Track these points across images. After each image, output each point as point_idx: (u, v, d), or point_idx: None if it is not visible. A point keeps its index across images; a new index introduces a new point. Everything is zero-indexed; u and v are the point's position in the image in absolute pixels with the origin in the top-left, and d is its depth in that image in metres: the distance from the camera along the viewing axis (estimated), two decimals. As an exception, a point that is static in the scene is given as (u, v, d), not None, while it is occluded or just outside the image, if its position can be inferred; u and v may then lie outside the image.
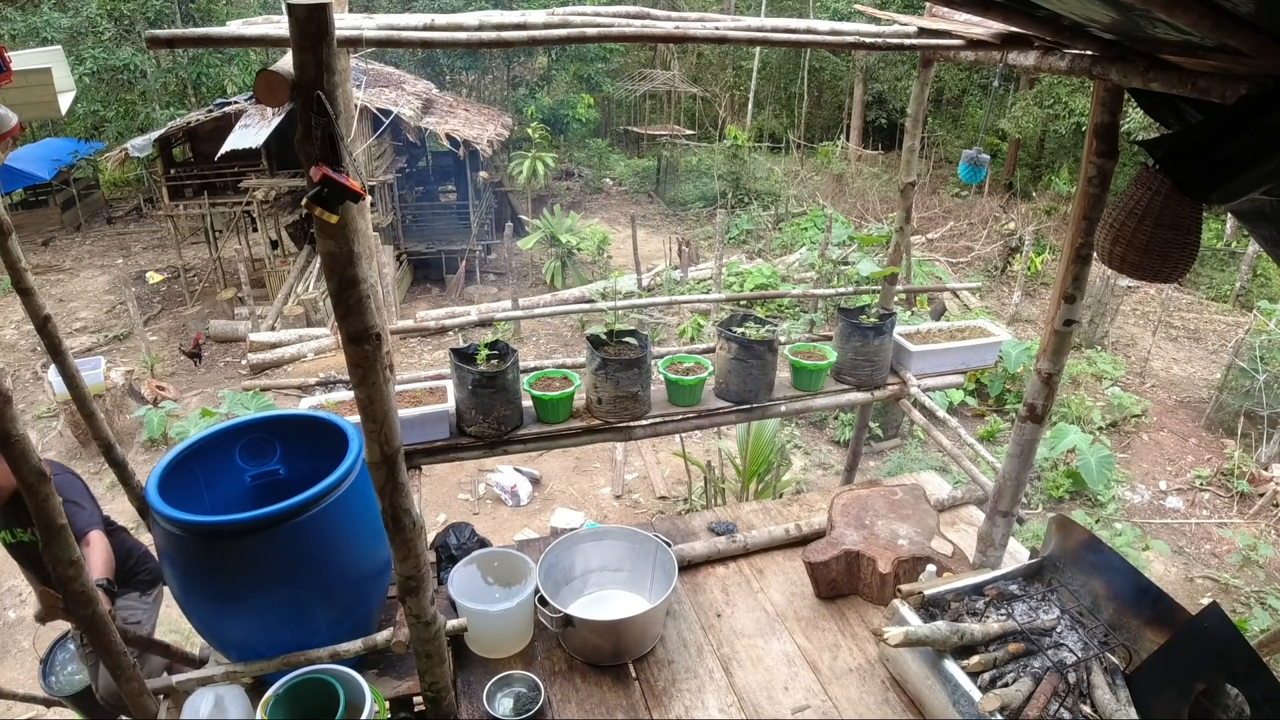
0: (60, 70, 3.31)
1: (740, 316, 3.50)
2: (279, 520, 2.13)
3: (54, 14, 14.80)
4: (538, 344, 10.50)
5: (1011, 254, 12.77)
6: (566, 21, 2.06)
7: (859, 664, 2.72)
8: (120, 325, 11.06)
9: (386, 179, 12.54)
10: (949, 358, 3.72)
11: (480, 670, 2.57)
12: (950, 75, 18.56)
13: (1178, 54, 1.82)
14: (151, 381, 9.00)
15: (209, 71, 15.84)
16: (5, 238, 1.99)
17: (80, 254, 14.39)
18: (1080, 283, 2.51)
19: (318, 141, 1.45)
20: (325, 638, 2.30)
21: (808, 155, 19.31)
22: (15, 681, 4.83)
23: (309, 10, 1.34)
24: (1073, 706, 2.24)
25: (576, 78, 18.37)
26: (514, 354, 3.07)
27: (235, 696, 2.31)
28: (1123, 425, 8.07)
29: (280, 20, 1.84)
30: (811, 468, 7.31)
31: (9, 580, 5.92)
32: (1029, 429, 2.78)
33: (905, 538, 3.00)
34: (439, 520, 6.47)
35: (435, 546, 3.16)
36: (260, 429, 2.62)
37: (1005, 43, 2.32)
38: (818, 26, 2.39)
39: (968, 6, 2.05)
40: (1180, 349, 10.32)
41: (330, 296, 1.63)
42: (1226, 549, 6.32)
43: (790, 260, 12.31)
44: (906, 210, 3.66)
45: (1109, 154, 2.31)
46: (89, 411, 2.41)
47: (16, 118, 2.19)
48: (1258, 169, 1.64)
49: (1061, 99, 14.64)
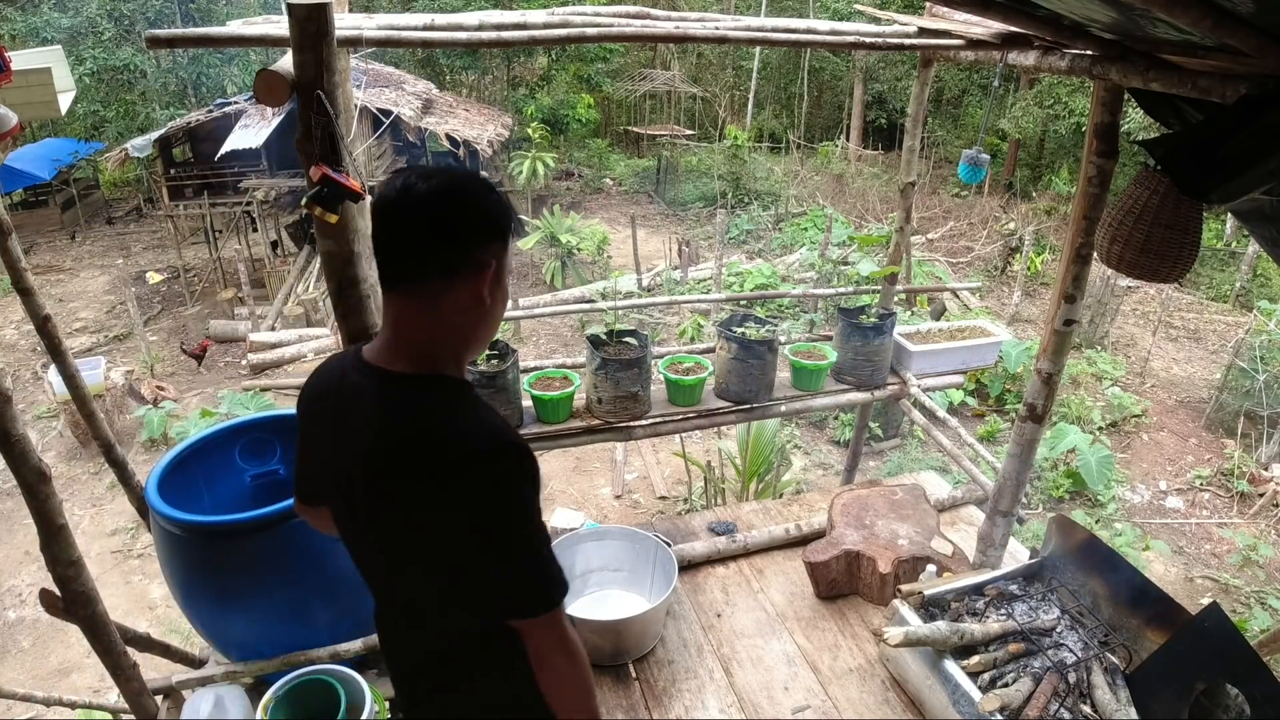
0: (60, 70, 3.32)
1: (740, 316, 3.50)
2: (279, 520, 2.13)
3: (54, 14, 14.80)
4: (538, 344, 10.50)
5: (1011, 254, 12.77)
6: (566, 21, 2.06)
7: (859, 664, 2.72)
8: (120, 325, 11.05)
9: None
10: (949, 358, 3.72)
11: (480, 670, 2.57)
12: (950, 75, 18.56)
13: (1178, 54, 1.82)
14: (151, 381, 9.00)
15: (209, 71, 15.82)
16: (5, 238, 1.99)
17: (80, 254, 14.39)
18: (1080, 283, 2.51)
19: (318, 141, 1.45)
20: (325, 638, 2.31)
21: (808, 155, 19.30)
22: (15, 681, 4.83)
23: (309, 10, 1.35)
24: (1073, 706, 2.24)
25: (576, 78, 18.36)
26: (514, 354, 3.07)
27: (235, 696, 2.31)
28: (1123, 425, 8.07)
29: (280, 20, 1.83)
30: (811, 468, 7.31)
31: (9, 580, 5.93)
32: (1029, 429, 2.78)
33: (905, 538, 3.00)
34: (439, 520, 6.46)
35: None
36: (260, 429, 2.62)
37: (1005, 43, 2.32)
38: (818, 26, 2.39)
39: (968, 6, 2.05)
40: (1180, 349, 10.32)
41: (330, 296, 1.63)
42: (1226, 549, 6.32)
43: (790, 260, 12.31)
44: (906, 210, 3.66)
45: (1109, 154, 2.31)
46: (89, 411, 2.41)
47: (16, 118, 2.19)
48: (1258, 169, 1.63)
49: (1061, 99, 14.63)
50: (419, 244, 1.11)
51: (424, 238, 1.11)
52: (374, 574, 1.33)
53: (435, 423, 1.12)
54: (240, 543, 2.13)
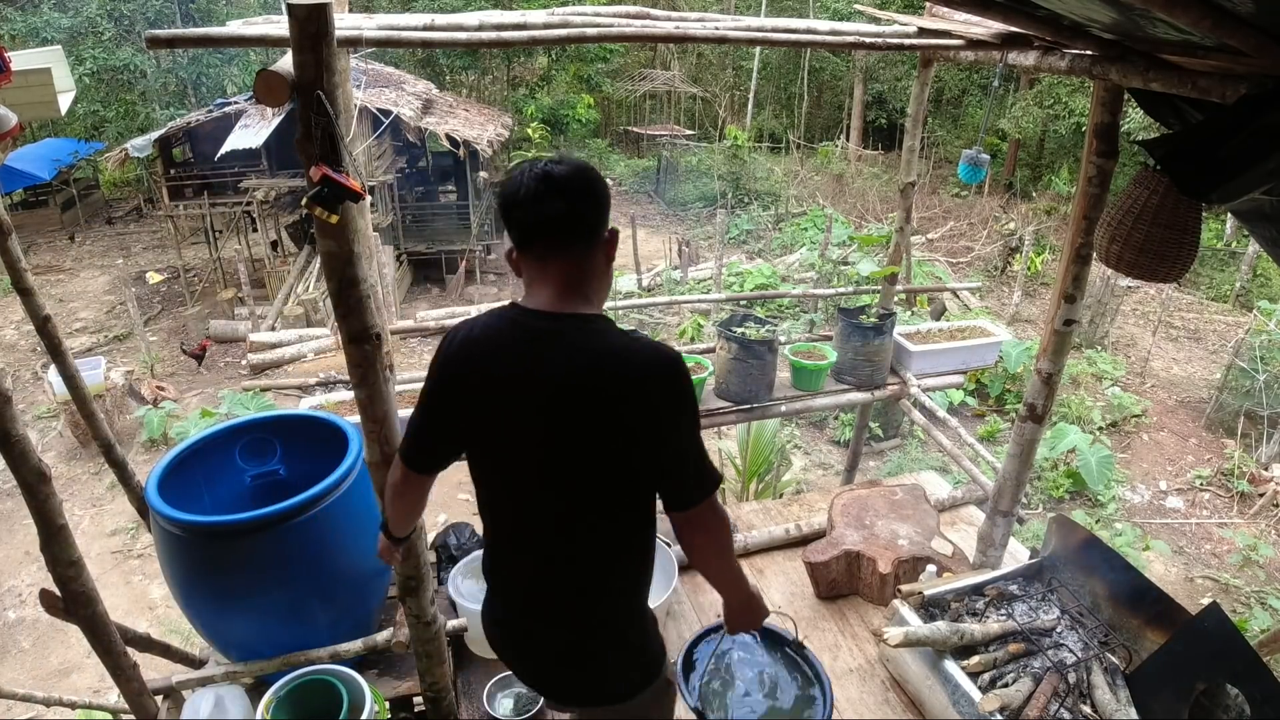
0: (60, 70, 3.31)
1: (740, 316, 3.50)
2: (279, 520, 2.13)
3: (54, 14, 14.80)
4: (538, 344, 10.49)
5: (1011, 254, 12.77)
6: (566, 21, 2.06)
7: (859, 664, 2.72)
8: (120, 325, 11.05)
9: (386, 179, 12.53)
10: (949, 358, 3.72)
11: (480, 670, 2.57)
12: (950, 75, 18.56)
13: (1178, 54, 1.82)
14: (151, 382, 9.00)
15: (209, 71, 15.82)
16: (5, 238, 1.98)
17: (80, 254, 14.39)
18: (1080, 283, 2.51)
19: (318, 141, 1.45)
20: (325, 638, 2.30)
21: (808, 155, 19.30)
22: (15, 681, 4.83)
23: (309, 10, 1.34)
24: (1073, 706, 2.24)
25: (576, 78, 18.36)
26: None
27: (235, 696, 2.31)
28: (1123, 425, 8.07)
29: (280, 20, 1.83)
30: (811, 468, 7.31)
31: (9, 580, 5.93)
32: (1029, 429, 2.78)
33: (905, 538, 3.00)
34: (439, 520, 6.46)
35: (435, 546, 3.15)
36: (260, 429, 2.62)
37: (1005, 43, 2.32)
38: (818, 26, 2.39)
39: (968, 6, 2.05)
40: (1180, 349, 10.31)
41: (330, 296, 1.63)
42: (1227, 549, 6.32)
43: (790, 260, 12.31)
44: (906, 210, 3.66)
45: (1109, 154, 2.31)
46: (89, 412, 2.40)
47: (16, 118, 2.18)
48: (1258, 169, 1.63)
49: (1061, 99, 14.63)
50: (576, 214, 1.38)
51: (579, 209, 1.38)
52: (525, 500, 1.50)
53: (625, 343, 1.39)
54: (240, 543, 2.12)
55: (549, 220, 1.37)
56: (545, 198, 1.35)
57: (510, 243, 1.45)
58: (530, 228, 1.40)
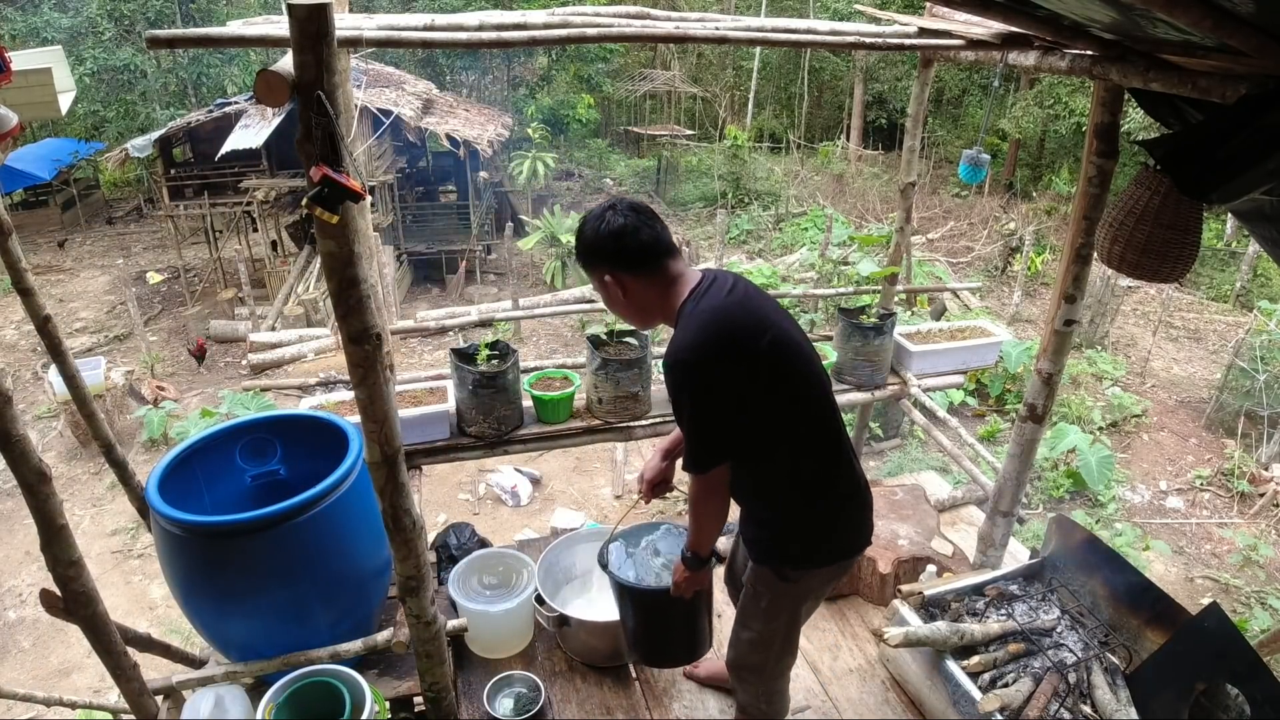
0: (60, 70, 3.32)
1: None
2: (279, 520, 2.13)
3: (54, 14, 14.81)
4: (538, 344, 10.51)
5: (1011, 254, 12.77)
6: (566, 21, 2.06)
7: (859, 664, 2.72)
8: (120, 325, 11.06)
9: (386, 179, 12.53)
10: (949, 358, 3.72)
11: (480, 670, 2.57)
12: (950, 75, 18.55)
13: (1178, 54, 1.82)
14: (152, 382, 9.01)
15: (209, 71, 15.83)
16: (5, 238, 1.98)
17: (80, 254, 14.39)
18: (1080, 283, 2.51)
19: (318, 141, 1.44)
20: (325, 638, 2.30)
21: (808, 155, 19.30)
22: (16, 681, 4.84)
23: (309, 10, 1.34)
24: (1073, 706, 2.24)
25: (576, 78, 18.35)
26: (514, 354, 3.07)
27: (235, 696, 2.30)
28: (1123, 425, 8.07)
29: (280, 20, 1.83)
30: (812, 468, 7.29)
31: (9, 580, 5.93)
32: (1029, 429, 2.78)
33: (905, 538, 3.01)
34: (439, 520, 6.47)
35: (435, 546, 3.16)
36: (260, 429, 2.61)
37: (1005, 43, 2.32)
38: (818, 26, 2.39)
39: (968, 6, 2.05)
40: (1180, 349, 10.32)
41: (330, 297, 1.63)
42: (1227, 549, 6.32)
43: (790, 260, 12.31)
44: (906, 210, 3.66)
45: (1109, 154, 2.31)
46: (89, 412, 2.40)
47: (16, 118, 2.18)
48: (1258, 169, 1.63)
49: (1061, 99, 14.63)
50: (667, 236, 1.80)
51: (666, 233, 1.80)
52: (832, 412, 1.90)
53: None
54: (240, 543, 2.12)
55: (662, 239, 1.77)
56: (653, 223, 1.77)
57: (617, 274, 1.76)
58: (649, 247, 1.76)
